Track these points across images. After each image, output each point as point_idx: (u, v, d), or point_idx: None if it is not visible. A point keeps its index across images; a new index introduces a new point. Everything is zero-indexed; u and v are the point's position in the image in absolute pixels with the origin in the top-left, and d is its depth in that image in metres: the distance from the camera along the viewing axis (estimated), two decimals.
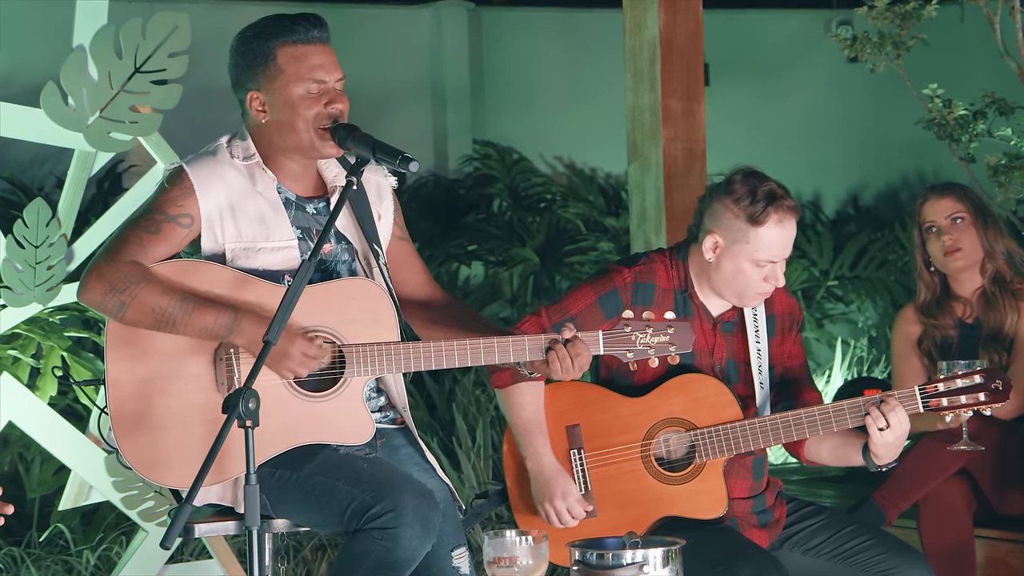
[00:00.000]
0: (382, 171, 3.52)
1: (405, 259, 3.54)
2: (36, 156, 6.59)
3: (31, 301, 4.36)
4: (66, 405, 5.15)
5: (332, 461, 3.23)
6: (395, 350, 3.29)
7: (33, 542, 5.21)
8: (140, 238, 3.25)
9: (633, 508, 3.57)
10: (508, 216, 7.87)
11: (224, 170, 3.33)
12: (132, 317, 3.20)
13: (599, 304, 3.57)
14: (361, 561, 3.13)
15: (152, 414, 3.21)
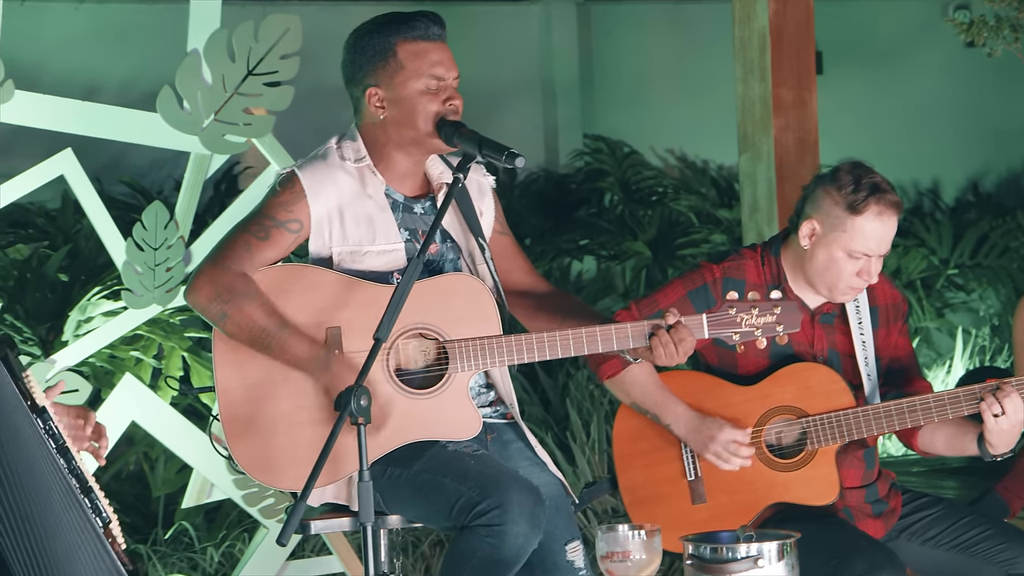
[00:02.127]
0: (481, 170, 3.54)
1: (507, 252, 3.55)
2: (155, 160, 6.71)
3: (151, 303, 4.44)
4: (187, 404, 5.24)
5: (440, 458, 3.25)
6: (497, 343, 3.30)
7: (159, 540, 5.30)
8: (249, 244, 3.29)
9: (744, 494, 3.55)
10: (619, 210, 7.85)
11: (335, 174, 3.36)
12: (231, 329, 3.25)
13: (689, 299, 3.56)
14: (468, 558, 3.15)
15: (262, 418, 3.25)
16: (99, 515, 2.72)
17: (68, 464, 2.71)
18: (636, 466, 3.64)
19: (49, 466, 2.68)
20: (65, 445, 2.71)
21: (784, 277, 3.58)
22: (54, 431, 2.71)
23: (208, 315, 3.26)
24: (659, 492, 3.61)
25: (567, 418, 5.72)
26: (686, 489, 3.61)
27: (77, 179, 4.36)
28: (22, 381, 2.71)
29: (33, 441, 2.67)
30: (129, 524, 5.36)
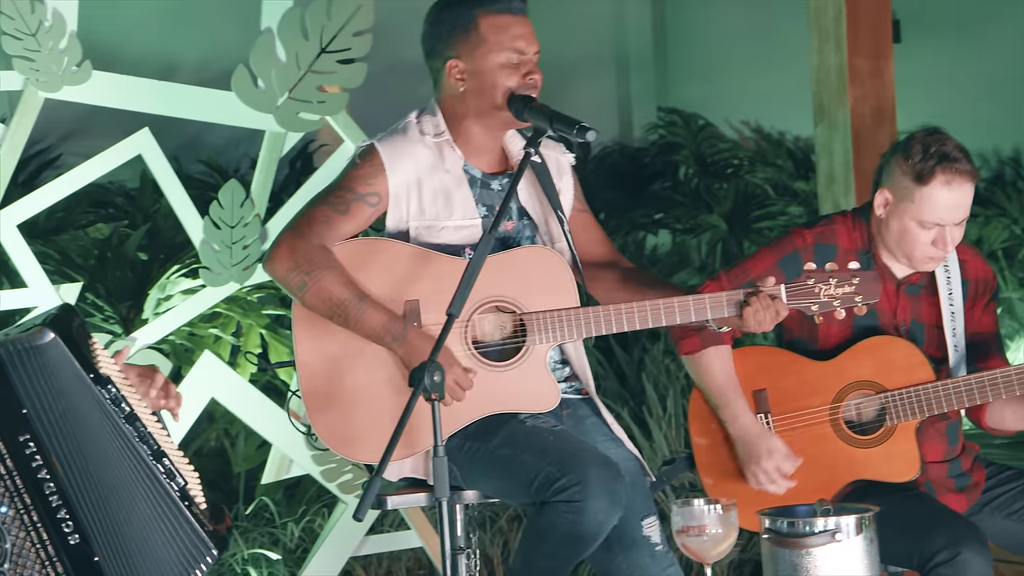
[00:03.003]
0: (560, 148, 3.54)
1: (586, 229, 3.55)
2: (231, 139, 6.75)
3: (229, 280, 4.48)
4: (266, 381, 5.28)
5: (519, 433, 3.25)
6: (575, 315, 3.29)
7: (240, 515, 5.36)
8: (328, 216, 3.31)
9: (823, 472, 3.52)
10: (694, 183, 7.80)
11: (414, 148, 3.37)
12: (310, 300, 3.26)
13: (779, 266, 3.53)
14: (548, 533, 3.15)
15: (341, 391, 3.27)
16: (173, 479, 2.73)
17: (137, 431, 2.72)
18: (713, 444, 3.62)
19: (117, 440, 2.70)
20: (133, 412, 2.72)
21: (874, 244, 3.55)
22: (120, 401, 2.72)
23: (287, 285, 3.28)
24: (737, 467, 3.58)
25: (643, 392, 5.70)
26: None
27: (155, 158, 4.41)
28: (86, 350, 2.72)
29: (97, 419, 2.69)
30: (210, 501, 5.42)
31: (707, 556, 2.79)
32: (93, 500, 2.60)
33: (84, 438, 2.65)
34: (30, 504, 2.54)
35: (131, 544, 2.62)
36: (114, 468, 2.66)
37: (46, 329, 2.69)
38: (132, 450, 2.69)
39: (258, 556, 5.18)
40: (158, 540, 2.66)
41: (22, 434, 2.56)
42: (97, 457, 2.65)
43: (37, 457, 2.56)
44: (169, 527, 2.68)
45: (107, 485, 2.64)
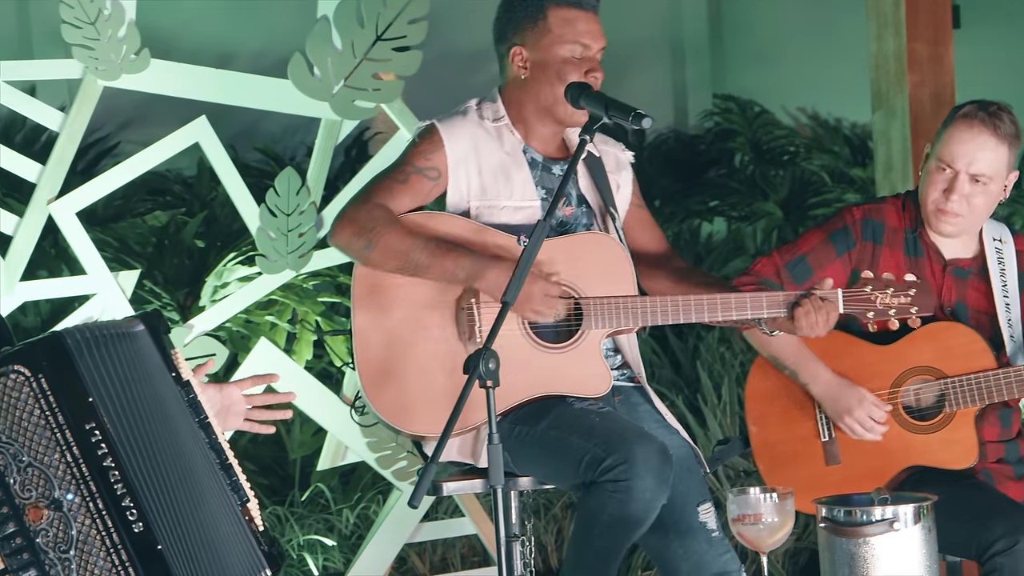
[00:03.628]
0: (620, 146, 3.55)
1: (643, 225, 3.55)
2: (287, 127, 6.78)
3: (285, 268, 4.50)
4: (321, 368, 5.31)
5: (567, 416, 3.26)
6: (632, 303, 3.30)
7: (295, 501, 5.39)
8: (389, 187, 3.32)
9: (879, 457, 3.51)
10: (750, 170, 7.75)
11: (473, 128, 3.38)
12: (377, 258, 3.26)
13: (830, 240, 3.56)
14: (598, 515, 3.15)
15: (396, 363, 3.28)
16: (237, 492, 2.76)
17: (208, 438, 2.75)
18: (769, 425, 3.61)
19: (192, 436, 2.73)
20: (207, 420, 2.75)
21: (921, 223, 3.57)
22: (197, 405, 2.76)
23: (352, 250, 3.28)
24: (792, 452, 3.58)
25: (698, 380, 5.69)
26: (819, 450, 3.58)
27: (212, 146, 4.44)
28: (169, 354, 2.77)
29: (177, 410, 2.72)
30: (267, 486, 5.46)
31: (763, 545, 2.78)
32: (159, 489, 2.62)
33: (160, 428, 2.67)
34: (95, 492, 2.56)
35: (195, 536, 2.64)
36: (186, 460, 2.68)
37: (138, 321, 2.74)
38: (204, 454, 2.72)
39: (313, 542, 5.21)
40: (221, 538, 2.68)
41: (88, 422, 2.58)
42: (171, 448, 2.68)
43: (102, 445, 2.58)
44: (230, 533, 2.70)
45: (176, 476, 2.66)
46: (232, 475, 2.76)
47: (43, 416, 2.57)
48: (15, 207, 4.48)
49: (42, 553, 2.52)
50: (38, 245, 4.28)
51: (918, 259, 3.57)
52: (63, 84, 5.07)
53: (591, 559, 3.22)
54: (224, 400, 2.93)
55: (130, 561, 2.54)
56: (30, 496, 2.54)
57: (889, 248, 3.57)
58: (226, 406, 2.92)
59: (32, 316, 5.30)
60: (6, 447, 2.55)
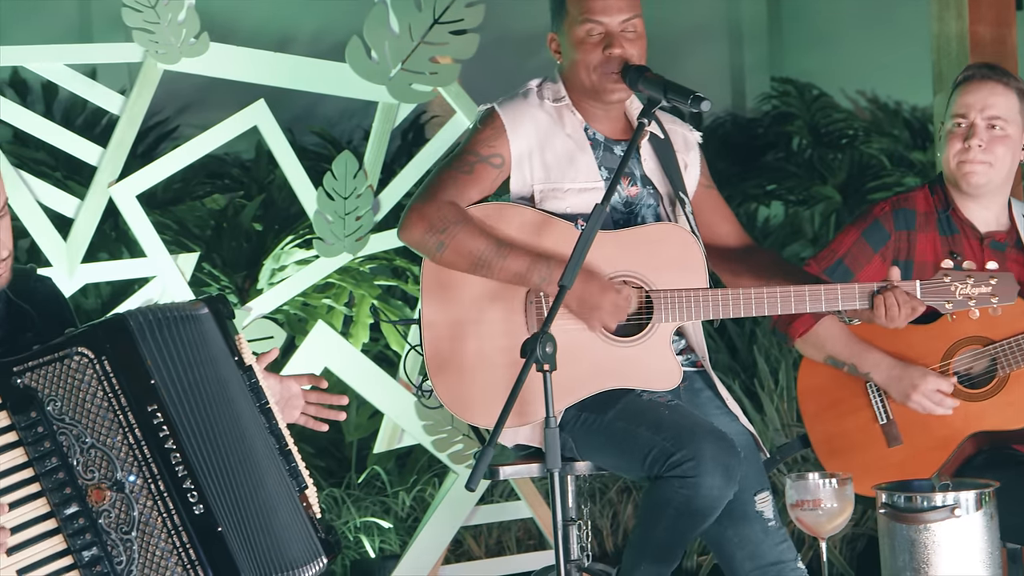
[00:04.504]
0: (688, 126, 3.52)
1: (713, 206, 3.52)
2: (344, 110, 6.80)
3: (342, 251, 4.52)
4: (378, 352, 5.32)
5: (635, 407, 3.24)
6: (704, 296, 3.27)
7: (352, 484, 5.41)
8: (455, 179, 3.31)
9: (940, 430, 3.51)
10: (808, 154, 7.70)
11: (533, 111, 3.36)
12: (449, 258, 3.26)
13: (864, 238, 3.58)
14: (663, 508, 3.14)
15: (462, 354, 3.28)
16: (295, 478, 2.77)
17: (268, 423, 2.76)
18: (826, 420, 3.61)
19: (253, 420, 2.74)
20: (268, 406, 2.76)
21: (952, 200, 3.59)
22: (259, 390, 2.76)
23: (424, 248, 3.28)
24: (853, 441, 3.57)
25: (754, 365, 5.66)
26: (879, 434, 3.57)
27: (270, 130, 4.45)
28: (232, 339, 2.78)
29: (239, 394, 2.73)
30: (324, 468, 5.48)
31: (822, 530, 2.76)
32: (219, 471, 2.63)
33: (221, 411, 2.68)
34: (157, 473, 2.58)
35: (254, 519, 2.65)
36: (247, 444, 2.69)
37: (203, 304, 2.75)
38: (264, 438, 2.73)
39: (370, 524, 5.23)
40: (279, 522, 2.69)
41: (150, 404, 2.60)
42: (232, 431, 2.69)
43: (164, 427, 2.60)
44: (288, 518, 2.71)
45: (236, 459, 2.67)
46: (291, 461, 2.77)
47: (106, 398, 2.59)
48: (76, 190, 4.52)
49: (104, 534, 2.54)
50: (99, 228, 4.32)
51: (954, 237, 3.59)
52: (123, 68, 5.10)
53: (654, 548, 3.21)
54: (284, 392, 2.94)
55: (190, 543, 2.56)
56: (92, 477, 2.56)
57: (923, 232, 3.59)
58: (285, 398, 2.93)
59: (93, 298, 5.35)
60: (69, 428, 2.57)
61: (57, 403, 2.57)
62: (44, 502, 2.55)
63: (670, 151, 3.43)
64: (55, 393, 2.57)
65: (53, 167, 5.44)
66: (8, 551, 2.52)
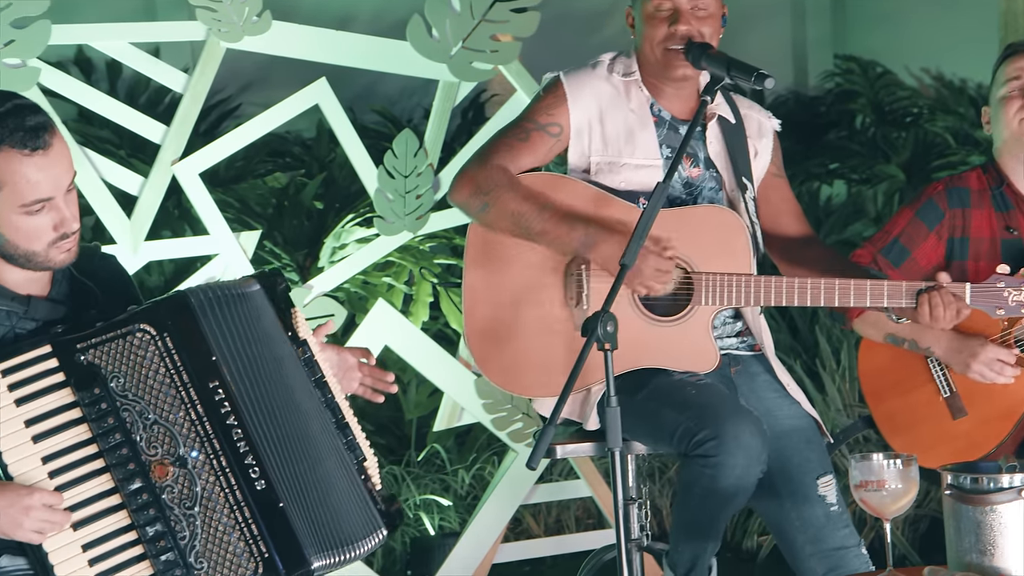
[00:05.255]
0: (767, 114, 3.50)
1: (779, 196, 3.49)
2: (405, 88, 6.80)
3: (402, 229, 4.52)
4: (437, 330, 5.33)
5: (664, 387, 3.22)
6: (746, 282, 3.24)
7: (412, 461, 5.43)
8: (510, 145, 3.31)
9: (1004, 400, 3.51)
10: (871, 132, 7.62)
11: (599, 83, 3.35)
12: (492, 219, 3.25)
13: (918, 217, 3.58)
14: (692, 487, 3.13)
15: (502, 322, 3.28)
16: (353, 451, 2.77)
17: (324, 397, 2.76)
18: (889, 398, 3.60)
19: (308, 395, 2.74)
20: (323, 379, 2.76)
21: (1005, 177, 3.60)
22: (313, 364, 2.77)
23: (470, 209, 3.28)
24: (917, 416, 3.57)
25: (816, 346, 5.62)
26: (944, 407, 3.57)
27: (331, 108, 4.46)
28: (287, 313, 2.78)
29: (293, 369, 2.74)
30: (384, 446, 5.51)
31: (886, 511, 2.73)
32: (279, 447, 2.65)
33: (276, 388, 2.69)
34: (219, 449, 2.59)
35: (313, 494, 2.66)
36: (303, 420, 2.70)
37: (254, 281, 2.75)
38: (320, 412, 2.74)
39: (429, 502, 5.25)
40: (338, 496, 2.70)
41: (211, 380, 2.62)
42: (287, 406, 2.70)
43: (226, 404, 2.61)
44: (346, 492, 2.71)
45: (294, 434, 2.68)
46: (348, 434, 2.77)
47: (168, 374, 2.60)
48: (140, 168, 4.55)
49: (167, 509, 2.56)
50: (162, 205, 4.35)
51: (1010, 213, 3.59)
52: (187, 46, 5.13)
53: (690, 527, 3.20)
54: (341, 363, 2.94)
55: (253, 518, 2.57)
56: (155, 453, 2.58)
57: (978, 209, 3.59)
58: (343, 369, 2.93)
59: (156, 276, 5.39)
60: (132, 405, 2.59)
61: (120, 379, 2.59)
62: (108, 478, 2.57)
63: (741, 136, 3.40)
64: (118, 370, 2.59)
65: (117, 145, 5.47)
66: (73, 526, 2.54)
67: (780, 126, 3.52)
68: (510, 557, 4.87)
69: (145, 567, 2.55)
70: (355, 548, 2.68)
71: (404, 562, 5.15)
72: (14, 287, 2.66)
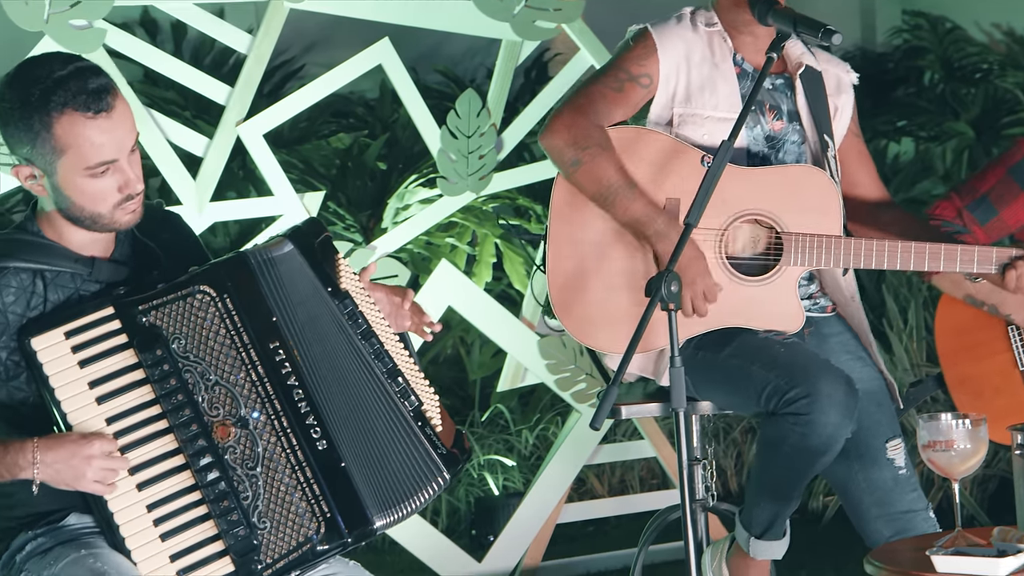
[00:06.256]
0: (845, 66, 3.45)
1: (856, 156, 3.45)
2: (468, 48, 6.77)
3: (465, 190, 4.52)
4: (500, 291, 5.33)
5: (750, 345, 3.21)
6: (836, 243, 3.21)
7: (476, 422, 5.44)
8: (606, 96, 3.28)
9: None
10: (940, 89, 7.52)
11: (685, 34, 3.33)
12: (580, 178, 3.24)
13: (1011, 175, 3.48)
14: (779, 446, 3.11)
15: (585, 275, 3.27)
16: (407, 398, 2.75)
17: (372, 347, 2.74)
18: (963, 361, 3.54)
19: (351, 355, 2.73)
20: (370, 329, 2.74)
21: None
22: (357, 316, 2.74)
23: (560, 159, 3.26)
24: (990, 385, 3.52)
25: (883, 305, 5.57)
26: (1019, 380, 3.51)
27: (395, 68, 4.45)
28: (328, 264, 2.75)
29: (334, 332, 2.72)
30: (448, 406, 5.50)
31: (954, 472, 2.70)
32: (336, 407, 2.65)
33: (323, 349, 2.69)
34: (280, 410, 2.60)
35: (373, 453, 2.65)
36: (350, 381, 2.70)
37: (287, 241, 2.74)
38: (366, 366, 2.72)
39: (493, 462, 5.26)
40: (396, 453, 2.69)
41: (272, 341, 2.62)
42: (338, 366, 2.70)
43: (286, 364, 2.61)
44: (402, 444, 2.70)
45: (347, 393, 2.68)
46: (399, 382, 2.74)
47: (228, 335, 2.61)
48: (205, 129, 4.57)
49: (230, 469, 2.57)
50: (227, 167, 4.36)
51: None
52: (251, 7, 5.14)
53: (772, 486, 3.19)
54: (390, 302, 2.90)
55: (314, 478, 2.58)
56: (217, 414, 2.59)
57: None
58: (394, 307, 2.90)
59: (221, 237, 5.42)
60: (194, 366, 2.60)
61: (182, 341, 2.60)
62: (172, 439, 2.59)
63: (820, 91, 3.37)
64: (179, 331, 2.61)
65: (182, 106, 5.50)
66: (138, 486, 2.56)
67: (858, 80, 3.47)
68: (574, 517, 4.87)
69: (209, 527, 2.56)
70: (415, 500, 2.67)
71: (468, 521, 5.17)
72: (78, 249, 2.67)
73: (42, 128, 2.56)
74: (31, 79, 2.57)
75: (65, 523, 2.63)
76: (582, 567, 4.86)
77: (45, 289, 2.63)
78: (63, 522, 2.63)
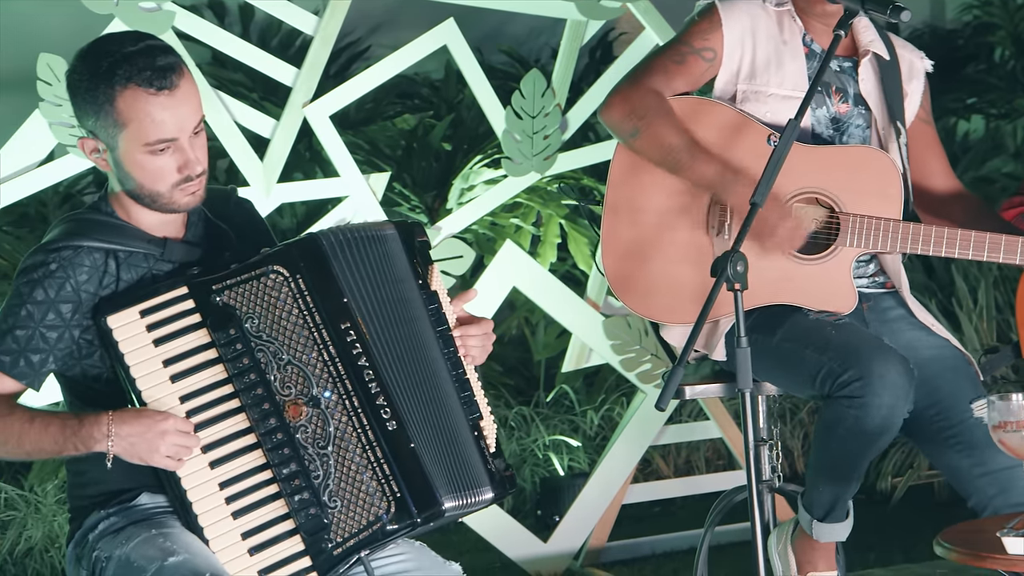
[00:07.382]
0: (919, 53, 3.42)
1: (926, 143, 3.41)
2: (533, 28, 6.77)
3: (529, 170, 4.52)
4: (565, 271, 5.33)
5: (801, 327, 3.18)
6: (894, 227, 3.19)
7: (540, 402, 5.45)
8: (665, 67, 3.28)
9: None
10: (1011, 65, 7.42)
11: (754, 10, 3.31)
12: (641, 145, 3.24)
13: None
14: (834, 429, 3.09)
15: (642, 245, 3.26)
16: (470, 406, 2.73)
17: (447, 349, 2.74)
18: None
19: (434, 342, 2.74)
20: (448, 332, 2.75)
21: None
22: (440, 315, 2.75)
23: (620, 131, 3.26)
24: None
25: (952, 284, 5.51)
26: None
27: (459, 49, 4.46)
28: (422, 262, 2.75)
29: (422, 314, 2.73)
30: (512, 387, 5.53)
31: None
32: (409, 389, 2.65)
33: (406, 330, 2.69)
34: (351, 390, 2.61)
35: (442, 437, 2.66)
36: (430, 364, 2.70)
37: (391, 225, 2.76)
38: (439, 362, 2.72)
39: (559, 443, 5.27)
40: (463, 442, 2.69)
41: (343, 322, 2.63)
42: (416, 350, 2.69)
43: (357, 345, 2.62)
44: (468, 439, 2.70)
45: (423, 377, 2.68)
46: (467, 389, 2.75)
47: (301, 316, 2.63)
48: (272, 110, 4.60)
49: (301, 448, 2.59)
50: (294, 148, 4.39)
51: None
52: None
53: (831, 468, 3.16)
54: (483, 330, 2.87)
55: (384, 458, 2.59)
56: (289, 393, 2.61)
57: None
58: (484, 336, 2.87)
59: (288, 218, 5.45)
60: (266, 345, 2.62)
61: (254, 320, 2.62)
62: (244, 418, 2.61)
63: (896, 76, 3.33)
64: (252, 311, 2.62)
65: (250, 88, 5.53)
66: (210, 464, 2.59)
67: (932, 67, 3.43)
68: (639, 498, 4.88)
69: (280, 506, 2.58)
70: (480, 493, 2.67)
71: (534, 502, 5.19)
72: (150, 229, 2.69)
73: (106, 100, 2.58)
74: (102, 52, 2.60)
75: (137, 503, 2.65)
76: (648, 547, 4.86)
77: (118, 269, 2.65)
78: (135, 502, 2.65)
